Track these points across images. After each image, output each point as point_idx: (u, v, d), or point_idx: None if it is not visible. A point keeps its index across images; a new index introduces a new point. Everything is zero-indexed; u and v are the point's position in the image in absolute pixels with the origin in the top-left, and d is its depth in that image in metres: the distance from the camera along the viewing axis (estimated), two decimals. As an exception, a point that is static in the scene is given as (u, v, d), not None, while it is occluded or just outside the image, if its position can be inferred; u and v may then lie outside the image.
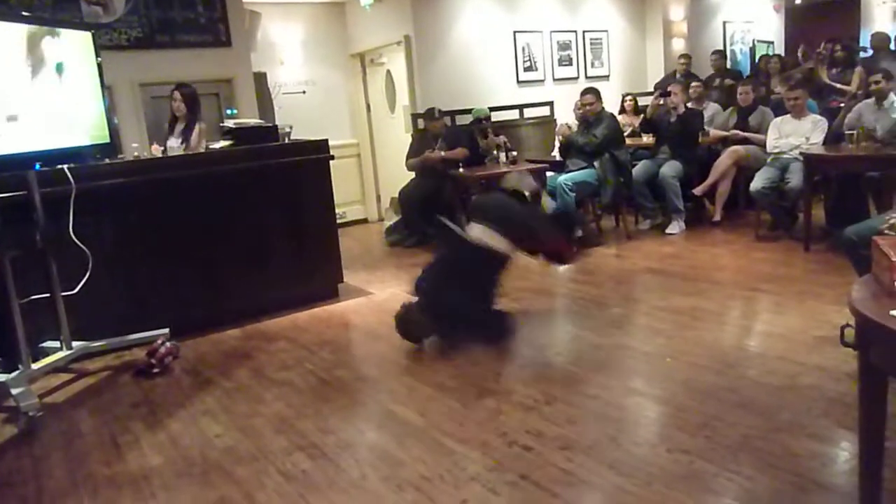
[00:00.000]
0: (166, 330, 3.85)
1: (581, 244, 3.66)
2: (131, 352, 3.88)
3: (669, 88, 6.05)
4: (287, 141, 4.85)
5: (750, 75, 7.97)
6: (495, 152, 6.36)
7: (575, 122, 6.34)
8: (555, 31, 7.91)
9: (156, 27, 5.96)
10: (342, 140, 7.59)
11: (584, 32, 8.16)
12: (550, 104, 7.80)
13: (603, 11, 8.32)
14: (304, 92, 7.68)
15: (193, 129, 5.00)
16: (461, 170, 6.16)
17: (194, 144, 4.94)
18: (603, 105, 5.92)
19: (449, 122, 6.78)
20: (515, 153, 6.32)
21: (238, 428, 2.84)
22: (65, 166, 3.52)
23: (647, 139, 6.52)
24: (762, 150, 5.74)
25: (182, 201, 4.13)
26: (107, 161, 3.95)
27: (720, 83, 7.69)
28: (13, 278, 3.21)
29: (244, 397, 3.17)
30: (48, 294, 3.53)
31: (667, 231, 5.94)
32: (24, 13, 4.44)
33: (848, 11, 10.55)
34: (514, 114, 7.53)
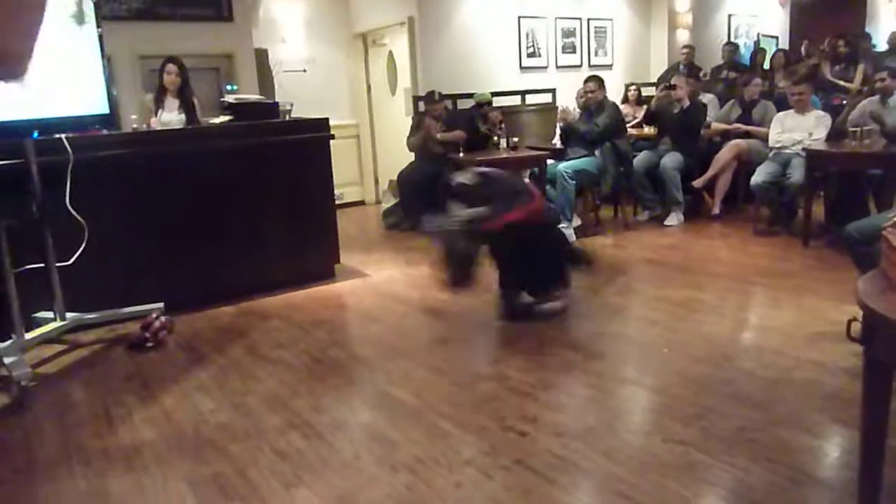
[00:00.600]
0: (161, 304, 3.83)
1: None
2: (125, 325, 3.85)
3: (674, 81, 6.02)
4: (288, 118, 4.81)
5: (748, 69, 7.95)
6: (496, 138, 6.30)
7: (577, 109, 6.30)
8: (560, 18, 7.84)
9: (157, -1, 5.88)
10: (342, 120, 7.51)
11: (589, 20, 8.10)
12: (553, 91, 7.76)
13: (608, -1, 8.28)
14: (305, 70, 7.60)
15: (194, 103, 4.96)
16: (461, 154, 6.12)
17: (201, 118, 4.90)
18: (605, 94, 5.89)
19: (450, 106, 6.73)
20: (516, 139, 6.27)
21: (232, 405, 2.82)
22: (63, 136, 3.47)
23: (649, 130, 6.49)
24: (763, 145, 5.73)
25: (181, 175, 4.09)
26: (105, 132, 3.91)
27: (726, 75, 7.66)
28: (8, 247, 3.18)
29: (238, 374, 3.15)
30: (43, 264, 3.50)
31: (665, 223, 5.93)
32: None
33: (854, 7, 10.51)
34: (516, 100, 7.49)
